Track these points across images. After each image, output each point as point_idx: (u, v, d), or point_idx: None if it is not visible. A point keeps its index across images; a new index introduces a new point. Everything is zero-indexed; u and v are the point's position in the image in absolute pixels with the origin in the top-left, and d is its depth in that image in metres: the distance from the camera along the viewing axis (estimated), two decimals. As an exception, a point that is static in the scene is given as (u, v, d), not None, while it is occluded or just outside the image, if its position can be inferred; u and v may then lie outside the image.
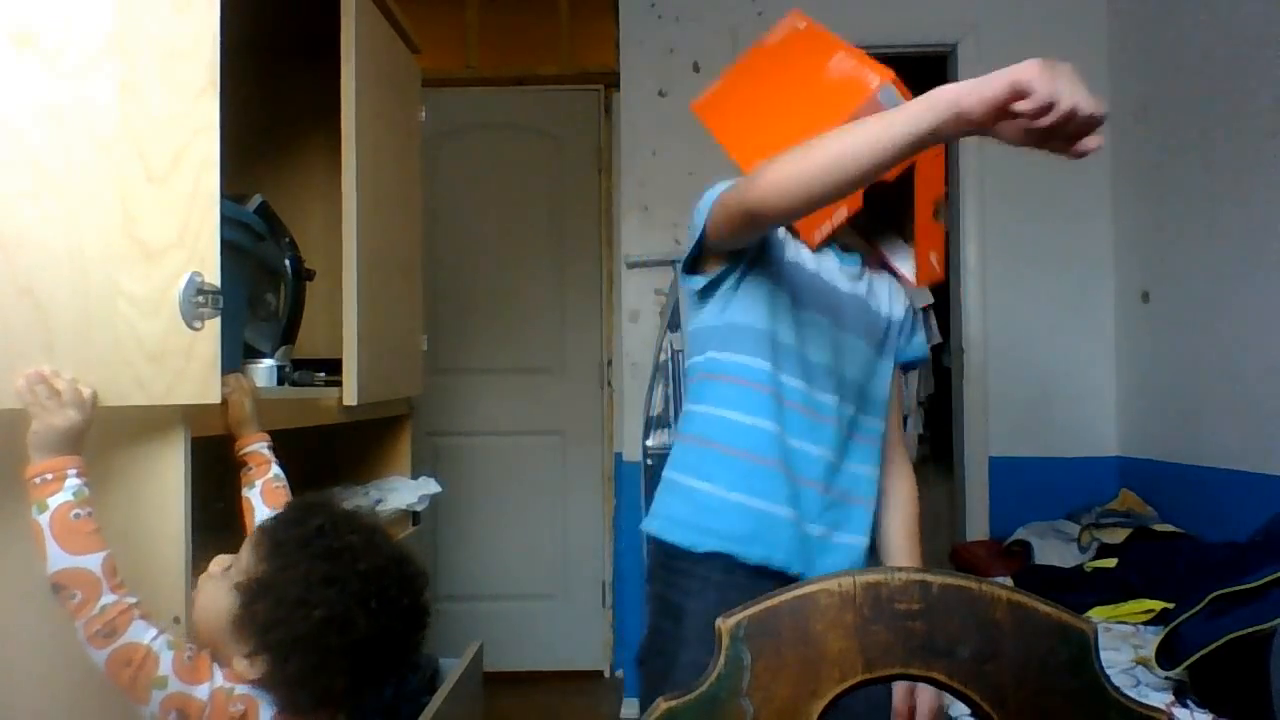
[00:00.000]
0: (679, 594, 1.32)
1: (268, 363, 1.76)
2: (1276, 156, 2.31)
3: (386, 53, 2.10)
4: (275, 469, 1.31)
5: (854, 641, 0.73)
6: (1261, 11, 2.37)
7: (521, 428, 3.65)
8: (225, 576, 1.08)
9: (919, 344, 1.52)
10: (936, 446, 4.09)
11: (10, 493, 1.15)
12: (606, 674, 3.63)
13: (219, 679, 1.03)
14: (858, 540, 1.39)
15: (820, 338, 1.37)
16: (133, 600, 1.03)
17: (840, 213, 1.37)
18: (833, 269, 1.41)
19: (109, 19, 1.13)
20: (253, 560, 1.06)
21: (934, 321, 3.90)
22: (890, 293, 1.47)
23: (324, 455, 2.24)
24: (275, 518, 1.13)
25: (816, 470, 1.34)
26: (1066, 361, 3.21)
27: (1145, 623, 2.10)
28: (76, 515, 1.01)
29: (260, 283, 1.83)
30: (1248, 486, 2.38)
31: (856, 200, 1.34)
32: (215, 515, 1.43)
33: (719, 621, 0.76)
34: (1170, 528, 2.59)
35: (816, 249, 1.40)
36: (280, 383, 1.79)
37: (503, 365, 3.62)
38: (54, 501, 1.01)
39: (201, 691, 1.01)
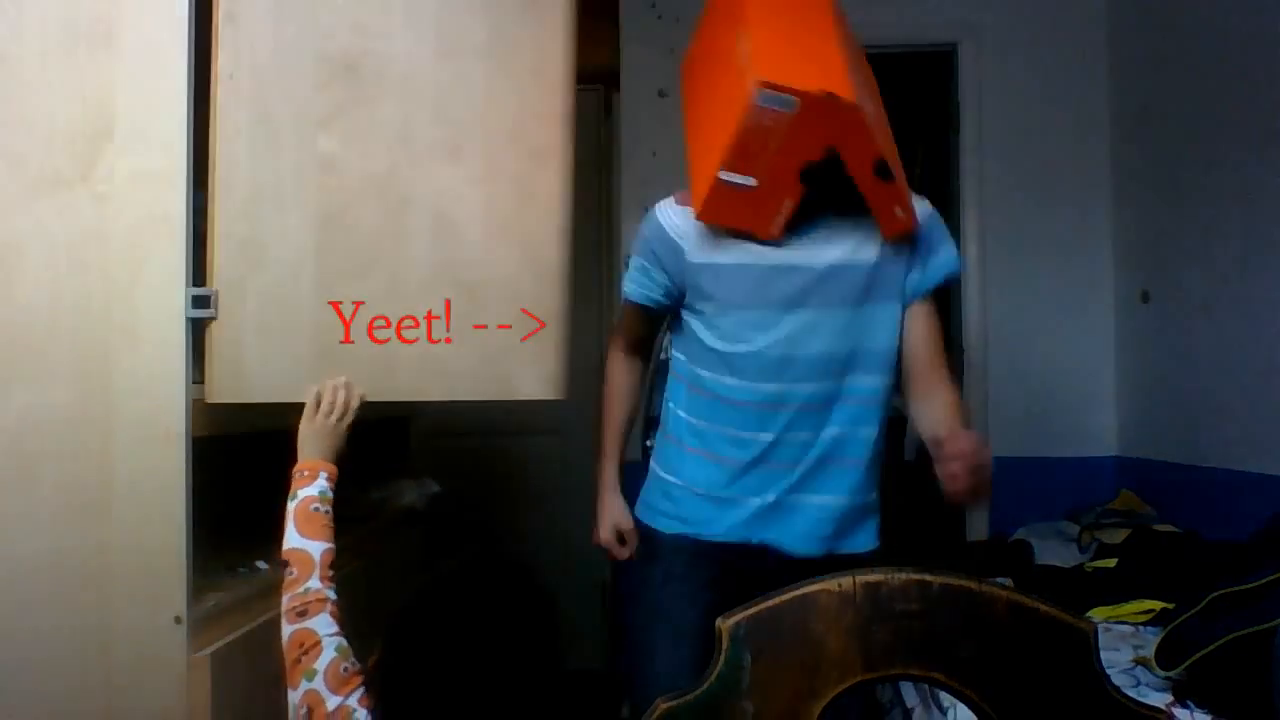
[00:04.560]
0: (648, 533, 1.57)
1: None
2: (1277, 157, 2.31)
3: (386, 53, 2.09)
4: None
5: (854, 641, 0.73)
6: (1262, 11, 2.37)
7: (521, 428, 3.65)
8: None
9: (937, 266, 1.50)
10: (936, 446, 4.08)
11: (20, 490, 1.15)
12: (606, 674, 3.62)
13: (352, 699, 1.06)
14: (831, 500, 1.48)
15: (769, 331, 1.43)
16: (332, 595, 1.13)
17: (786, 204, 1.39)
18: (788, 253, 1.44)
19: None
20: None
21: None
22: (873, 235, 1.45)
23: (324, 455, 2.23)
24: (490, 556, 1.20)
25: (779, 452, 1.45)
26: (1066, 361, 3.20)
27: (1145, 623, 2.10)
28: (316, 509, 1.19)
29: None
30: (1248, 486, 2.38)
31: (796, 190, 1.37)
32: (215, 515, 1.43)
33: (719, 621, 0.75)
34: (1170, 528, 2.58)
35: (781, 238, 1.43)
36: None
37: (503, 365, 3.61)
38: (303, 493, 1.19)
39: (332, 701, 1.06)
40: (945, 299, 3.56)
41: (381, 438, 2.35)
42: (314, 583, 1.12)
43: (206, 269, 1.31)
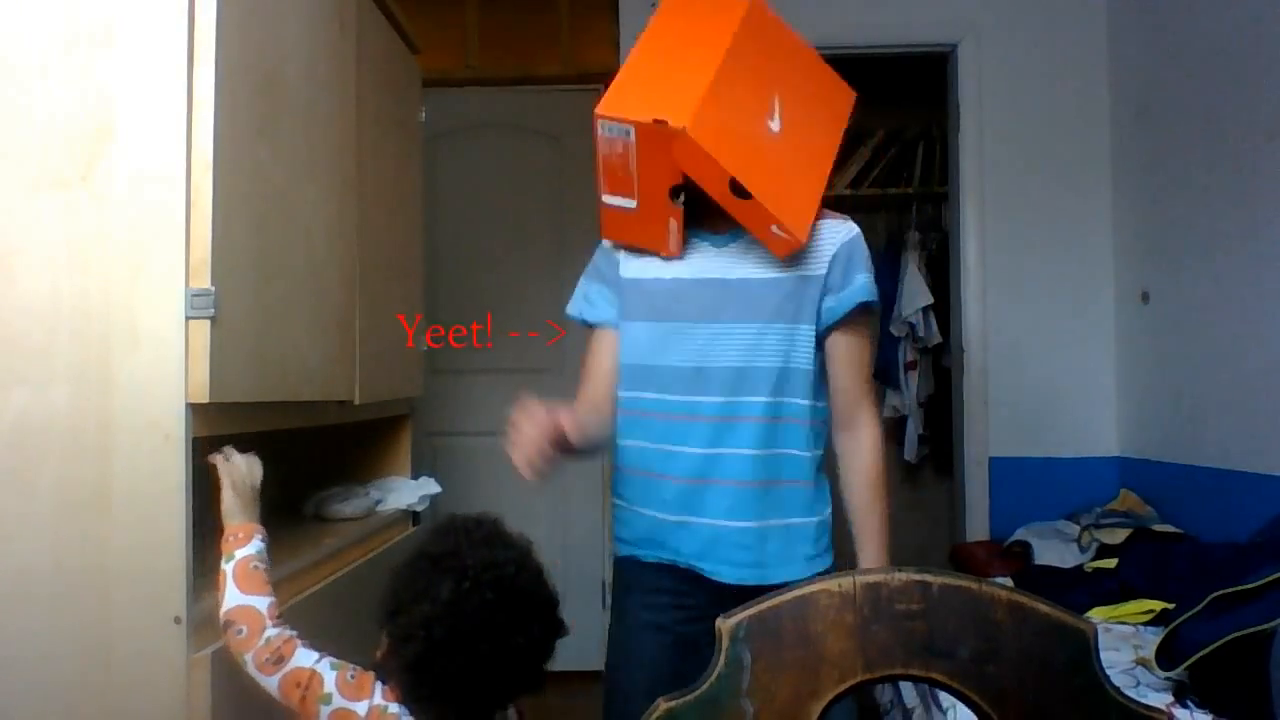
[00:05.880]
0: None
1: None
2: (1277, 156, 2.31)
3: (386, 53, 2.10)
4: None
5: (854, 641, 0.73)
6: (1262, 11, 2.37)
7: (521, 428, 3.65)
8: None
9: (850, 293, 1.44)
10: (936, 446, 4.08)
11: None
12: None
13: (377, 697, 1.10)
14: (756, 525, 1.43)
15: (685, 344, 1.44)
16: (293, 632, 1.15)
17: (671, 223, 1.42)
18: (703, 264, 1.46)
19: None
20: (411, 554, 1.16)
21: (934, 321, 3.90)
22: (794, 254, 1.42)
23: (324, 455, 2.24)
24: (443, 526, 1.20)
25: (684, 467, 1.44)
26: (1066, 361, 3.21)
27: (1145, 623, 2.10)
28: (256, 567, 1.20)
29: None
30: (1248, 486, 2.38)
31: (674, 209, 1.40)
32: (215, 516, 1.43)
33: (719, 621, 0.75)
34: (1170, 528, 2.59)
35: (682, 253, 1.46)
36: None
37: (503, 365, 3.61)
38: (240, 553, 1.20)
39: (361, 707, 1.09)
40: (945, 299, 3.56)
41: (381, 438, 2.35)
42: (272, 631, 1.14)
43: (206, 269, 1.31)
